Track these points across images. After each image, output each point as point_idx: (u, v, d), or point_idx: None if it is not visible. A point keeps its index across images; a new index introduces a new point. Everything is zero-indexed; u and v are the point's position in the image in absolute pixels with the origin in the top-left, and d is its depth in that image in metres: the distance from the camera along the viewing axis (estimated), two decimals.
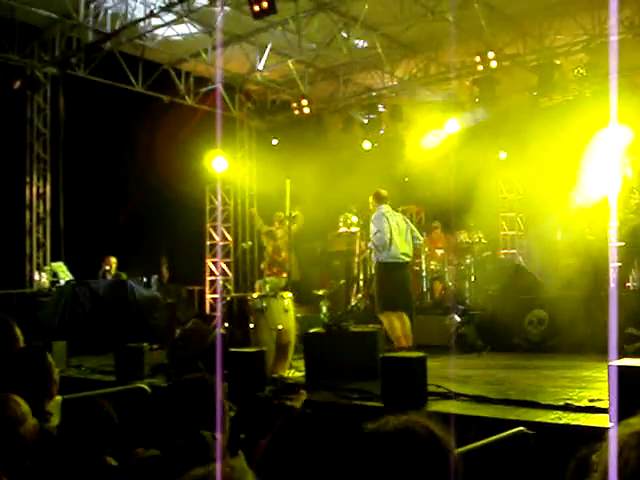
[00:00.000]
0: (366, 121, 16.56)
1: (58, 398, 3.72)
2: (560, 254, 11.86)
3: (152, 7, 11.79)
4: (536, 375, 7.84)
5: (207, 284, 16.67)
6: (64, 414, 3.53)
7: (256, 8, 10.54)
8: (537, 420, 5.33)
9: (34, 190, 14.67)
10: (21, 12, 12.40)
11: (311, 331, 8.56)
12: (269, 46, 14.09)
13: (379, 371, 6.47)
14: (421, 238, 10.16)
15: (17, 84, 13.07)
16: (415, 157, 15.61)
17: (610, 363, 4.92)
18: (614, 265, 9.88)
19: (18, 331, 4.14)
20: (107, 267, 13.56)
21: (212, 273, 16.73)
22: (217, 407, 3.01)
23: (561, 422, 5.29)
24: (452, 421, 5.37)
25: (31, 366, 3.57)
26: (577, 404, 5.72)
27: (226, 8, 11.91)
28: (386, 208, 9.61)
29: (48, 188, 14.76)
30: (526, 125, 14.38)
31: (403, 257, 9.47)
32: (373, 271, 13.45)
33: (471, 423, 5.47)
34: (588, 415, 5.41)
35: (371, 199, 9.82)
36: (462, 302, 11.99)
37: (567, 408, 5.64)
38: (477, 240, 12.92)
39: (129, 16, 12.27)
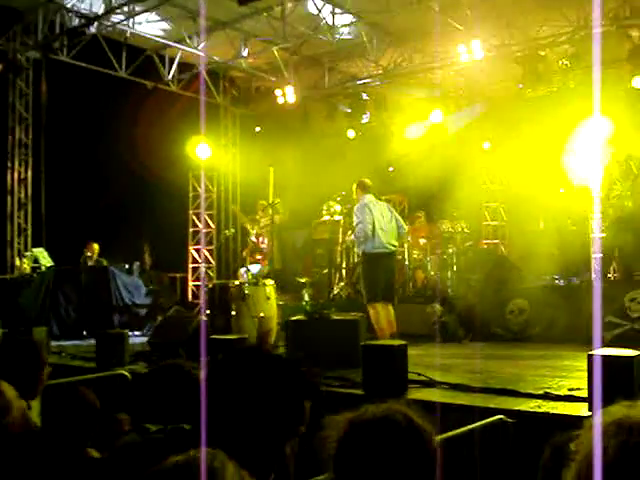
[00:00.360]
0: (350, 110, 16.52)
1: None
2: (542, 244, 11.91)
3: None
4: (516, 364, 7.89)
5: (190, 271, 16.64)
6: (46, 403, 3.51)
7: None
8: (517, 408, 5.37)
9: (15, 175, 14.53)
10: None
11: (293, 319, 8.57)
12: (253, 33, 14.03)
13: (360, 359, 6.49)
14: (405, 227, 10.14)
15: None
16: (399, 147, 15.66)
17: (590, 352, 4.96)
18: (595, 256, 9.96)
19: None
20: (89, 253, 13.48)
21: (195, 260, 16.70)
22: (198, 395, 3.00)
23: (540, 410, 5.33)
24: (433, 409, 5.40)
25: (22, 362, 3.54)
26: (556, 393, 5.76)
27: None
28: (369, 198, 9.54)
29: (29, 173, 14.62)
30: (510, 116, 14.44)
31: (388, 247, 9.45)
32: (356, 260, 13.53)
33: (451, 411, 5.50)
34: (567, 404, 5.45)
35: (355, 188, 9.77)
36: (444, 291, 12.03)
37: (546, 397, 5.68)
38: (460, 230, 12.95)
39: (113, 0, 12.16)
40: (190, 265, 16.68)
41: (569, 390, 5.83)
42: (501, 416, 4.95)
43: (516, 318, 10.13)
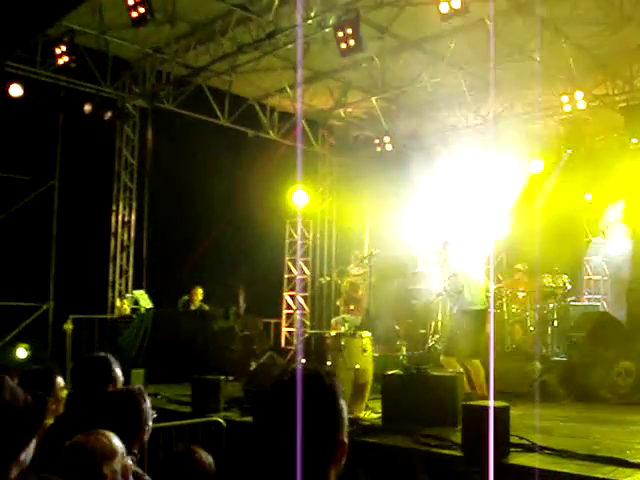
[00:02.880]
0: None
1: None
2: None
3: (240, 43, 11.99)
4: (622, 430, 7.53)
5: (284, 317, 16.70)
6: (164, 466, 3.51)
7: (343, 46, 10.60)
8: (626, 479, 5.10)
9: (119, 218, 15.02)
10: (114, 46, 12.83)
11: (389, 373, 8.44)
12: (353, 83, 14.19)
13: (458, 418, 6.32)
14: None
15: (108, 115, 13.47)
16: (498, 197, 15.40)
17: None
18: None
19: (118, 371, 4.16)
20: (193, 297, 13.70)
21: (289, 306, 16.77)
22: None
23: None
24: (536, 476, 5.19)
25: (126, 410, 3.57)
26: None
27: (313, 45, 12.03)
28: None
29: (133, 217, 15.10)
30: (613, 167, 14.04)
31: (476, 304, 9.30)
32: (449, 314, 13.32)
33: (555, 479, 5.27)
34: None
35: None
36: (544, 348, 11.65)
37: None
38: (561, 284, 12.55)
39: (217, 51, 12.51)
40: (284, 311, 16.76)
41: None
42: None
43: (624, 381, 9.68)
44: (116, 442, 3.05)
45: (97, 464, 2.95)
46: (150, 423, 3.68)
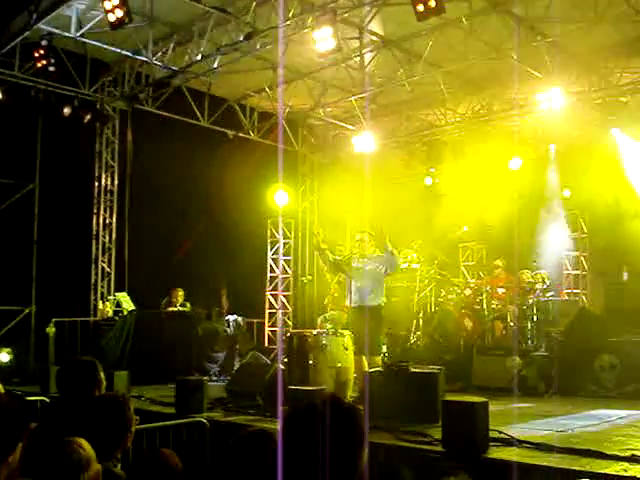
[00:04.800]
0: (427, 157, 16.53)
1: None
2: (626, 296, 11.59)
3: (218, 44, 12.01)
4: (600, 422, 7.65)
5: (267, 317, 16.73)
6: (132, 467, 3.56)
7: (321, 47, 10.67)
8: (602, 471, 5.19)
9: (100, 220, 15.01)
10: (93, 49, 12.79)
11: (370, 370, 8.52)
12: (332, 82, 14.26)
13: (439, 414, 6.40)
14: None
15: (87, 118, 13.45)
16: (477, 194, 15.55)
17: None
18: None
19: (102, 375, 4.20)
20: (173, 299, 13.71)
21: (271, 306, 16.80)
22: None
23: (627, 475, 5.14)
24: (515, 469, 5.29)
25: (111, 415, 3.61)
26: None
27: (291, 45, 12.07)
28: None
29: (114, 219, 15.08)
30: (591, 163, 14.19)
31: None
32: (434, 309, 13.43)
33: (534, 472, 5.36)
34: None
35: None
36: (524, 343, 11.79)
37: (633, 459, 5.48)
38: (540, 280, 12.70)
39: (196, 53, 12.53)
40: (267, 310, 16.78)
41: None
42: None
43: (608, 374, 9.79)
44: (89, 450, 3.11)
45: (75, 474, 3.00)
46: (133, 430, 3.73)
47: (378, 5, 11.22)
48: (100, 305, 14.50)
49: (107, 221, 15.09)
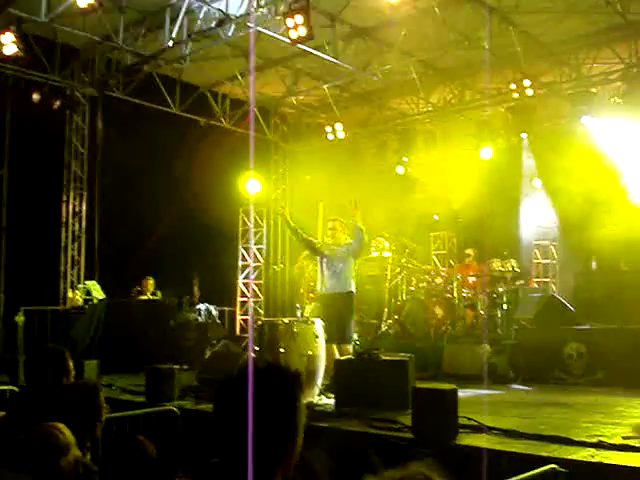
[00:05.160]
0: (399, 146, 16.58)
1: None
2: (595, 285, 11.73)
3: (190, 31, 11.93)
4: (568, 409, 7.74)
5: (238, 305, 16.71)
6: (104, 455, 3.54)
7: (293, 34, 10.61)
8: (569, 457, 5.26)
9: (70, 208, 14.86)
10: (62, 34, 12.63)
11: (341, 358, 8.55)
12: (304, 71, 14.23)
13: (409, 401, 6.44)
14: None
15: (57, 104, 13.30)
16: (448, 183, 15.63)
17: None
18: None
19: (71, 364, 4.17)
20: (144, 288, 13.65)
21: (243, 294, 16.78)
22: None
23: (594, 460, 5.21)
24: (484, 455, 5.33)
25: (81, 403, 3.59)
26: (610, 441, 5.63)
27: (263, 32, 12.01)
28: None
29: (84, 207, 14.94)
30: (562, 152, 14.31)
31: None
32: (405, 297, 13.49)
33: (502, 458, 5.42)
34: (621, 453, 5.33)
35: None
36: (493, 331, 11.90)
37: (600, 445, 5.56)
38: (510, 268, 12.82)
39: (167, 39, 12.43)
40: (239, 299, 16.76)
41: (623, 438, 5.70)
42: (553, 465, 4.83)
43: (576, 362, 9.90)
44: (69, 434, 3.08)
45: (55, 458, 2.98)
46: (103, 418, 3.71)
47: None
48: (70, 294, 14.37)
49: (77, 209, 14.94)
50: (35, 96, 12.87)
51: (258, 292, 16.76)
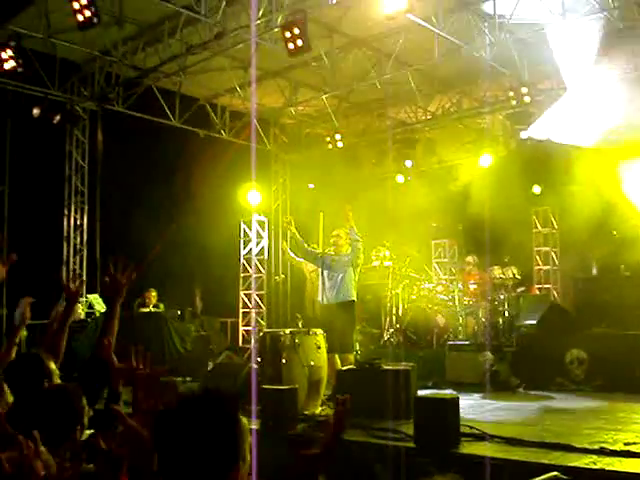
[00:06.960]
0: (399, 155, 16.64)
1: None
2: (595, 290, 11.74)
3: (188, 44, 11.98)
4: (570, 416, 7.76)
5: (240, 316, 16.70)
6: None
7: (291, 46, 10.67)
8: (572, 465, 5.27)
9: (71, 222, 14.91)
10: (62, 49, 12.68)
11: (343, 368, 8.57)
12: (303, 81, 14.29)
13: (412, 410, 6.46)
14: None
15: (57, 118, 13.34)
16: (448, 191, 15.67)
17: None
18: None
19: (53, 366, 4.17)
20: (147, 300, 13.66)
21: (245, 305, 16.75)
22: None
23: (596, 467, 5.23)
24: (486, 464, 5.35)
25: (60, 407, 3.59)
26: (612, 448, 5.65)
27: (262, 44, 12.05)
28: None
29: (85, 220, 14.99)
30: (560, 159, 14.34)
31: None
32: (406, 306, 13.49)
33: (505, 466, 5.43)
34: (623, 460, 5.35)
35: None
36: (495, 339, 11.89)
37: (602, 452, 5.58)
38: (511, 276, 12.83)
39: (166, 52, 12.48)
40: (241, 310, 16.74)
41: (625, 444, 5.72)
42: (556, 473, 4.82)
43: (577, 369, 9.92)
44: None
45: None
46: (85, 422, 3.70)
47: (347, 5, 11.25)
48: None
49: (78, 222, 14.99)
50: (35, 111, 12.92)
51: (260, 303, 16.75)
